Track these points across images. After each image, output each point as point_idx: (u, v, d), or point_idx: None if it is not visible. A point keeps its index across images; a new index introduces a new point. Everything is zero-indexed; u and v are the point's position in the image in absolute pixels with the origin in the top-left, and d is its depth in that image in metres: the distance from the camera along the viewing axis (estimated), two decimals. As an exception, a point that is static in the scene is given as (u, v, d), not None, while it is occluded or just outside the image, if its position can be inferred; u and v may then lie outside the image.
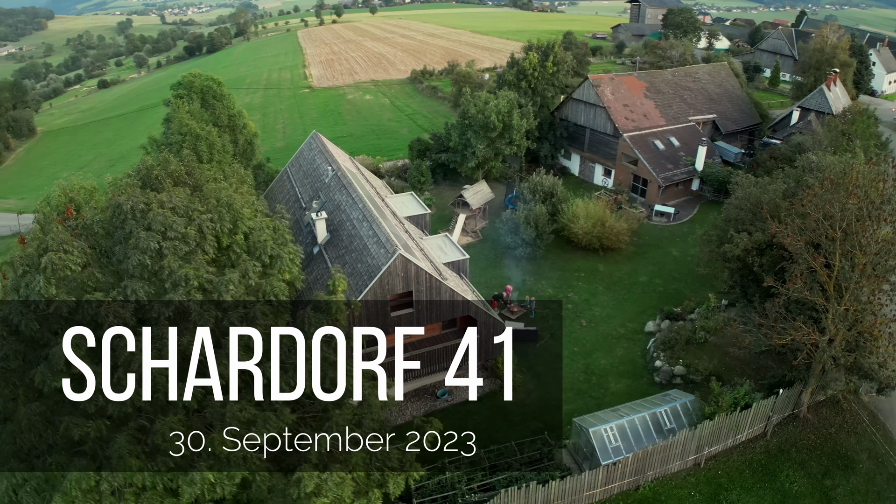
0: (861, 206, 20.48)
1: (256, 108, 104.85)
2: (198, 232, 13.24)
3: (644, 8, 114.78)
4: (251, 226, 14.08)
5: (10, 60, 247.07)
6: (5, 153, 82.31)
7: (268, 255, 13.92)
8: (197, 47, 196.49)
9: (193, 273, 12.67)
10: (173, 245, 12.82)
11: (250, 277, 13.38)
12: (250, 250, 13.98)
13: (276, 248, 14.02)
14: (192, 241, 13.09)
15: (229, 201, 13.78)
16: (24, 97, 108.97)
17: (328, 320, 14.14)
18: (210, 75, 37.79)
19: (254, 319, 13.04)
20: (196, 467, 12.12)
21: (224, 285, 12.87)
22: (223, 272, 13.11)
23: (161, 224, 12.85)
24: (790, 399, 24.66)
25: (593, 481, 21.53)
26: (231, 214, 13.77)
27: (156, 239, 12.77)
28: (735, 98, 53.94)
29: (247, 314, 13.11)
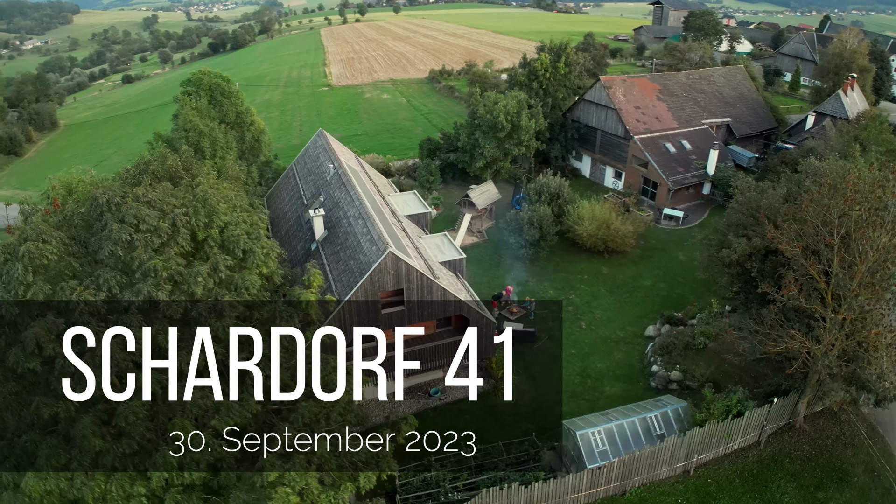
0: (859, 211, 19.98)
1: (275, 105, 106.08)
2: (171, 225, 13.46)
3: (667, 10, 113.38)
4: (226, 220, 14.24)
5: (36, 54, 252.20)
6: (27, 145, 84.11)
7: (241, 249, 14.07)
8: (221, 44, 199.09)
9: (162, 264, 12.90)
10: (145, 237, 13.08)
11: (221, 271, 13.54)
12: (224, 244, 14.15)
13: (250, 242, 14.15)
14: (164, 233, 13.32)
15: (205, 196, 13.96)
16: (47, 90, 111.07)
17: (300, 315, 14.26)
18: (219, 73, 38.28)
19: (221, 311, 13.21)
20: (159, 451, 12.32)
21: (193, 277, 13.06)
22: (193, 265, 13.30)
23: (134, 217, 13.13)
24: (785, 408, 24.18)
25: (577, 484, 21.36)
26: (206, 209, 13.94)
27: (128, 231, 13.05)
28: (751, 101, 52.98)
29: (215, 306, 13.28)
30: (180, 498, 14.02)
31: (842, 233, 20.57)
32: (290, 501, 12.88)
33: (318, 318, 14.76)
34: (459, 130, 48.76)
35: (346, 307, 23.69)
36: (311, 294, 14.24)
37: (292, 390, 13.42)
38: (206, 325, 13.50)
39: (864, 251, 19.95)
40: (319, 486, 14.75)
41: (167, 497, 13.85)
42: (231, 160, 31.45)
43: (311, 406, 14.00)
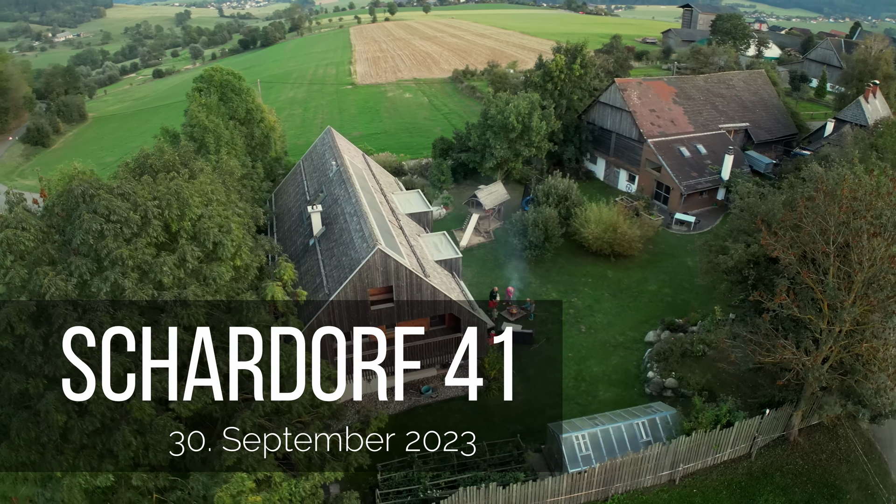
0: (855, 219, 19.40)
1: (299, 102, 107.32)
2: (142, 217, 13.82)
3: (696, 13, 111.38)
4: (199, 213, 14.55)
5: (68, 46, 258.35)
6: (54, 137, 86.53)
7: (211, 241, 14.36)
8: (251, 41, 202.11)
9: (129, 253, 13.26)
10: (114, 227, 13.47)
11: (189, 261, 13.85)
12: (196, 236, 14.46)
13: (220, 234, 14.42)
14: (134, 224, 13.67)
15: (178, 190, 14.29)
16: (76, 83, 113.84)
17: (267, 307, 14.47)
18: (230, 69, 38.82)
19: (185, 300, 13.49)
20: (120, 429, 12.68)
21: (159, 266, 13.39)
22: (161, 255, 13.64)
23: (105, 208, 13.58)
24: (779, 420, 23.60)
25: (557, 488, 21.18)
26: (179, 202, 14.27)
27: (98, 221, 13.49)
28: (771, 107, 51.73)
29: (180, 295, 13.58)
30: (147, 477, 14.45)
31: (839, 241, 20.02)
32: (246, 486, 13.08)
33: (285, 311, 14.94)
34: (471, 130, 48.69)
35: (335, 302, 23.88)
36: (278, 287, 14.42)
37: (251, 381, 13.66)
38: (172, 312, 13.80)
39: (860, 261, 19.37)
40: (282, 475, 15.00)
41: (134, 475, 14.27)
42: (234, 156, 31.92)
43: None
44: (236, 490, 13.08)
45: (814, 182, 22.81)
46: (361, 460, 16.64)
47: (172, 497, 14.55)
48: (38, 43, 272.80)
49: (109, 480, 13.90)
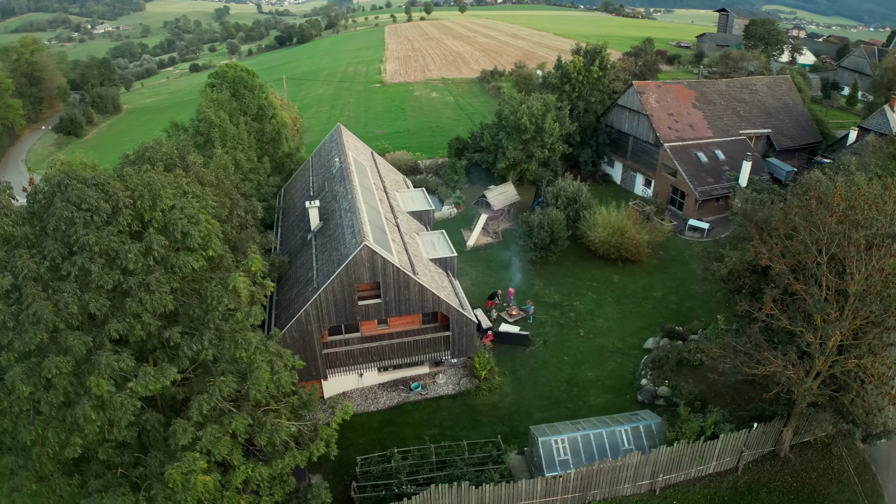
0: (848, 229, 18.72)
1: (327, 99, 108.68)
2: (113, 206, 14.33)
3: (731, 18, 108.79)
4: (170, 204, 15.01)
5: (107, 39, 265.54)
6: (87, 127, 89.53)
7: (180, 231, 14.77)
8: (287, 37, 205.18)
9: (95, 239, 13.75)
10: (85, 215, 13.98)
11: (155, 250, 14.30)
12: (166, 226, 14.92)
13: (189, 225, 14.84)
14: (104, 213, 14.18)
15: (150, 182, 14.77)
16: (112, 75, 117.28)
17: (229, 297, 14.78)
18: (244, 66, 39.56)
19: (148, 286, 13.93)
20: (81, 403, 13.18)
21: (125, 254, 13.85)
22: (126, 242, 14.11)
23: (77, 197, 14.12)
24: (768, 435, 22.95)
25: (532, 491, 21.01)
26: (150, 193, 14.74)
27: (70, 209, 14.02)
28: (795, 113, 50.17)
29: (143, 280, 14.02)
30: (112, 453, 14.97)
31: (832, 251, 19.35)
32: (197, 466, 13.42)
33: (249, 301, 15.22)
34: (484, 130, 48.62)
35: (322, 296, 24.16)
36: (241, 278, 14.72)
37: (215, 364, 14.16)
38: (136, 297, 14.22)
39: (851, 273, 18.71)
40: (241, 458, 15.33)
41: (101, 450, 14.80)
42: (241, 150, 32.52)
43: (229, 381, 14.49)
44: (187, 469, 13.45)
45: (805, 189, 22.07)
46: (324, 450, 16.79)
47: (135, 473, 15.06)
48: (76, 34, 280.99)
49: (76, 452, 14.48)
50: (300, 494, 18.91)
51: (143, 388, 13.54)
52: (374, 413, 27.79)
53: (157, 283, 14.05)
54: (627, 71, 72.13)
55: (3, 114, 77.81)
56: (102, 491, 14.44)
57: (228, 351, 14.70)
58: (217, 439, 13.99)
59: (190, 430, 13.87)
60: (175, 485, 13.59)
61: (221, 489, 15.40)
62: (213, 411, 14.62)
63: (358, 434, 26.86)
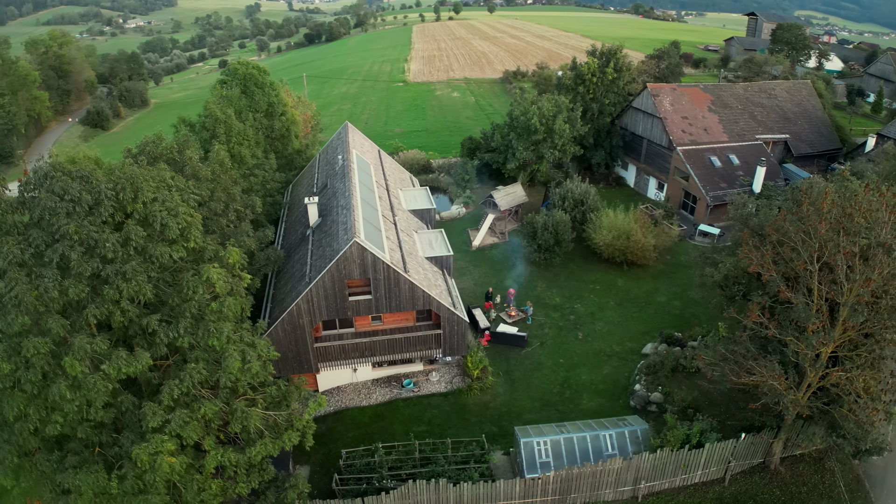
0: (838, 236, 18.23)
1: (350, 97, 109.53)
2: (94, 198, 14.80)
3: (760, 22, 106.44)
4: (152, 197, 15.43)
5: (139, 33, 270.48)
6: (114, 120, 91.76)
7: (159, 223, 15.19)
8: (316, 35, 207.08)
9: (75, 228, 14.23)
10: (67, 205, 14.48)
11: (133, 240, 14.73)
12: (146, 218, 15.34)
13: (168, 217, 15.25)
14: (85, 203, 14.66)
15: (132, 175, 15.23)
16: (140, 69, 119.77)
17: (204, 287, 15.12)
18: (256, 64, 40.10)
19: (125, 274, 14.40)
20: (57, 383, 13.68)
21: (103, 243, 14.31)
22: (103, 231, 14.58)
23: (60, 188, 14.63)
24: (757, 446, 22.51)
25: (510, 492, 20.98)
26: (132, 186, 15.19)
27: (53, 199, 14.55)
28: (814, 119, 48.92)
29: (120, 268, 14.48)
30: (91, 432, 15.49)
31: (823, 259, 18.88)
32: (164, 448, 13.80)
33: (224, 293, 15.53)
34: (495, 131, 48.53)
35: (313, 290, 24.45)
36: (214, 269, 15.05)
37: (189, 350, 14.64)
38: (114, 284, 14.64)
39: (840, 282, 18.24)
40: (213, 443, 15.70)
41: (80, 428, 15.31)
42: (246, 146, 33.03)
43: (200, 368, 14.85)
44: (154, 450, 13.89)
45: (795, 194, 21.55)
46: (297, 440, 17.06)
47: (111, 452, 15.58)
48: (108, 28, 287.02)
49: (57, 430, 15.03)
50: (279, 483, 19.25)
51: (116, 371, 13.99)
52: (365, 408, 28.02)
53: (133, 271, 14.46)
54: (648, 73, 71.13)
55: (30, 105, 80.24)
56: (78, 467, 14.99)
57: (202, 339, 15.07)
58: (186, 423, 14.38)
59: (160, 414, 14.31)
60: (143, 464, 14.04)
61: (194, 472, 15.80)
62: (186, 397, 15.00)
63: (348, 428, 27.14)
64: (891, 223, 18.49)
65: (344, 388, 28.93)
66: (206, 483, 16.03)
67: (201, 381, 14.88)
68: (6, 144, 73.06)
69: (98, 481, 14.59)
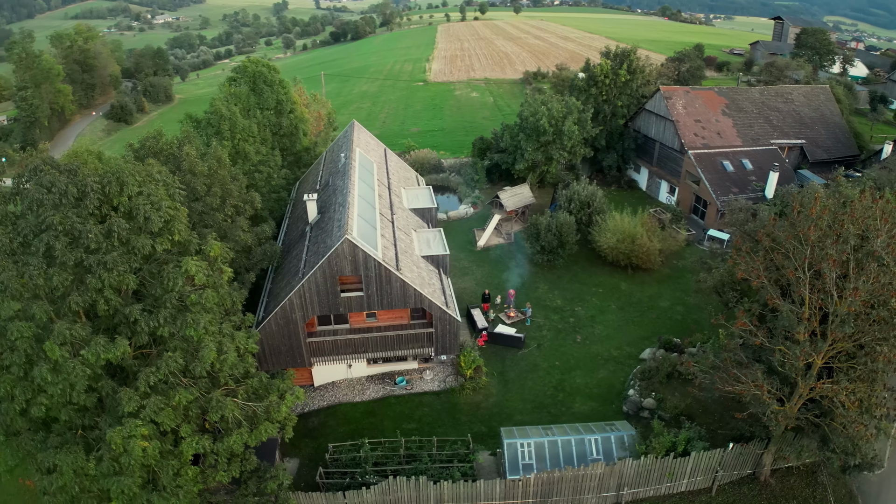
0: (828, 243, 17.81)
1: (369, 96, 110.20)
2: (80, 190, 15.25)
3: (787, 26, 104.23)
4: (137, 191, 15.85)
5: (167, 29, 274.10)
6: (138, 115, 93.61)
7: (143, 216, 15.58)
8: (342, 34, 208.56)
9: (59, 219, 14.71)
10: (53, 197, 14.96)
11: (115, 232, 15.15)
12: (131, 212, 15.76)
13: (151, 210, 15.64)
14: (71, 196, 15.12)
15: (118, 169, 15.68)
16: (165, 65, 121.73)
17: (182, 279, 15.46)
18: (265, 62, 40.59)
19: (106, 264, 14.85)
20: (38, 365, 14.23)
21: (86, 234, 14.76)
22: (86, 223, 15.04)
23: (48, 181, 15.12)
24: (746, 457, 22.12)
25: (491, 493, 20.95)
26: (118, 180, 15.61)
27: (41, 192, 15.05)
28: (832, 125, 47.76)
29: (102, 259, 14.92)
30: (74, 415, 15.98)
31: (813, 266, 18.46)
32: (137, 432, 14.20)
33: (203, 284, 15.85)
34: (505, 131, 48.42)
35: (305, 285, 24.71)
36: (193, 262, 15.38)
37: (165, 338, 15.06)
38: (97, 274, 15.06)
39: (829, 291, 17.82)
40: (191, 431, 16.06)
41: (63, 411, 15.80)
42: (251, 143, 33.49)
43: (177, 356, 15.23)
44: (128, 433, 14.34)
45: (783, 199, 21.09)
46: (273, 432, 17.31)
47: (92, 435, 16.06)
48: (136, 23, 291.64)
49: (42, 412, 15.56)
50: (260, 473, 19.54)
51: (94, 357, 14.46)
52: (357, 404, 28.22)
53: (114, 262, 14.91)
54: (667, 76, 70.22)
55: (53, 98, 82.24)
56: (59, 447, 15.52)
57: (180, 329, 15.46)
58: (160, 409, 14.80)
59: (135, 399, 14.76)
60: (117, 447, 14.47)
61: (171, 457, 16.18)
62: (163, 384, 15.42)
63: (340, 423, 27.38)
64: (885, 231, 18.02)
65: (339, 383, 29.17)
66: (182, 469, 16.39)
67: (178, 369, 15.23)
68: (29, 136, 75.22)
69: (77, 461, 15.15)
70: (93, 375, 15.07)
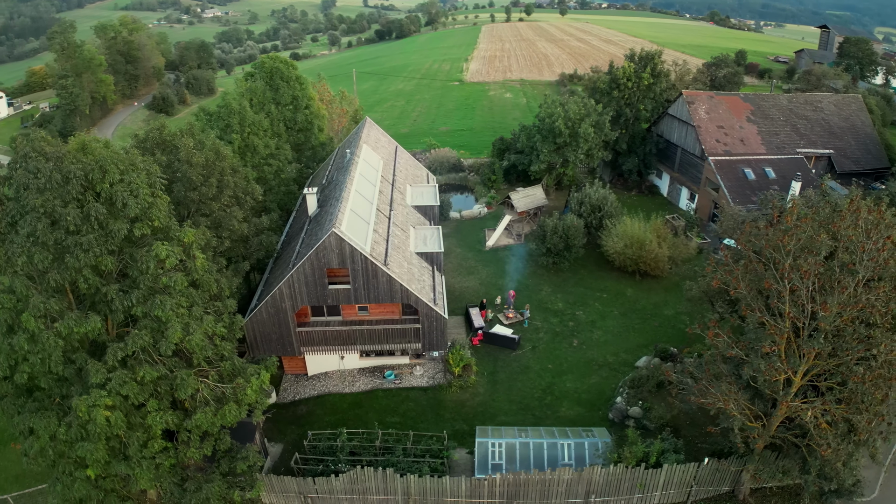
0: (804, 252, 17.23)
1: (404, 94, 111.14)
2: (63, 176, 16.13)
3: (832, 35, 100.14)
4: (118, 178, 16.64)
5: (216, 23, 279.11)
6: (179, 107, 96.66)
7: (121, 202, 16.38)
8: (387, 32, 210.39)
9: (41, 203, 15.63)
10: (38, 182, 15.91)
11: (93, 217, 15.99)
12: (112, 199, 16.57)
13: (130, 198, 16.41)
14: (55, 181, 16.02)
15: (100, 157, 16.50)
16: (210, 59, 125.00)
17: (155, 262, 16.23)
18: (283, 58, 41.47)
19: (82, 245, 15.77)
20: (17, 336, 15.54)
21: (64, 217, 15.66)
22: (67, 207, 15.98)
23: (34, 167, 16.06)
24: (723, 474, 21.55)
25: (456, 490, 21.04)
26: (100, 168, 16.44)
27: (27, 177, 16.04)
28: (862, 136, 45.72)
29: (79, 240, 15.82)
30: (53, 384, 16.96)
31: (790, 277, 17.86)
32: (101, 402, 15.03)
33: (173, 267, 16.57)
34: (521, 132, 48.23)
35: (294, 276, 25.29)
36: (163, 247, 16.12)
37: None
38: (75, 254, 15.96)
39: (801, 304, 17.24)
40: (156, 405, 16.82)
41: (42, 379, 16.80)
42: (260, 137, 34.37)
43: (144, 334, 15.99)
44: (92, 402, 15.26)
45: (767, 208, 20.37)
46: (237, 413, 17.89)
47: (67, 403, 17.03)
48: (185, 17, 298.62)
49: (24, 379, 16.60)
50: (233, 453, 20.18)
51: (67, 329, 15.39)
52: (346, 395, 28.69)
53: (90, 243, 15.79)
54: (701, 82, 68.53)
55: (94, 88, 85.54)
56: (34, 412, 16.54)
57: (151, 309, 16.25)
58: (125, 382, 15.63)
59: (102, 371, 15.65)
60: (82, 414, 15.34)
61: (139, 429, 16.99)
62: (133, 360, 16.27)
63: (327, 412, 27.91)
64: (871, 244, 17.29)
65: (331, 374, 29.71)
66: (150, 442, 17.18)
67: (146, 346, 16.02)
68: (68, 123, 78.53)
69: (50, 425, 16.14)
70: (69, 347, 16.02)
